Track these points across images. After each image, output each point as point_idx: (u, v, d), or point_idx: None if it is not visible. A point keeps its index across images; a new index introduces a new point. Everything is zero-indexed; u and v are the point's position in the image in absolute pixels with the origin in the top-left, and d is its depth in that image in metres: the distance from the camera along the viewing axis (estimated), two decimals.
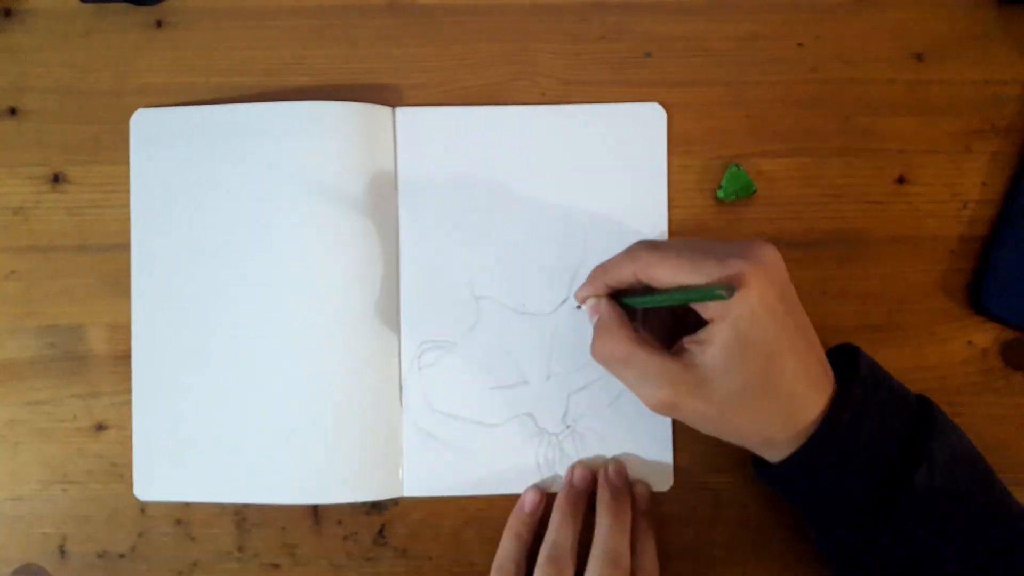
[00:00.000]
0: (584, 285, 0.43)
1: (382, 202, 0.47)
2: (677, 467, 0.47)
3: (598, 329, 0.40)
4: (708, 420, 0.38)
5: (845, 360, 0.40)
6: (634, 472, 0.46)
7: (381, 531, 0.47)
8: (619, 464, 0.46)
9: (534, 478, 0.46)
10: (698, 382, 0.37)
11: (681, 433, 0.46)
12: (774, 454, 0.39)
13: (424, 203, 0.47)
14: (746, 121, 0.48)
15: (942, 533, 0.37)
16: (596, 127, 0.47)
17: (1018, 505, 0.39)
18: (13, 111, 0.48)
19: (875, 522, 0.38)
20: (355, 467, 0.45)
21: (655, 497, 0.46)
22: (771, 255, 0.37)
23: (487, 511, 0.47)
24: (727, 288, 0.35)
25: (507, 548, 0.44)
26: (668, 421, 0.46)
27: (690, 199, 0.47)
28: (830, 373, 0.38)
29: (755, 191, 0.47)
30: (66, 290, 0.47)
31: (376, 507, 0.47)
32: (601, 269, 0.42)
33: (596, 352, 0.40)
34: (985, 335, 0.47)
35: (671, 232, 0.47)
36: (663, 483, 0.46)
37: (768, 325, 0.36)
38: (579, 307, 0.45)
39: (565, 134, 0.47)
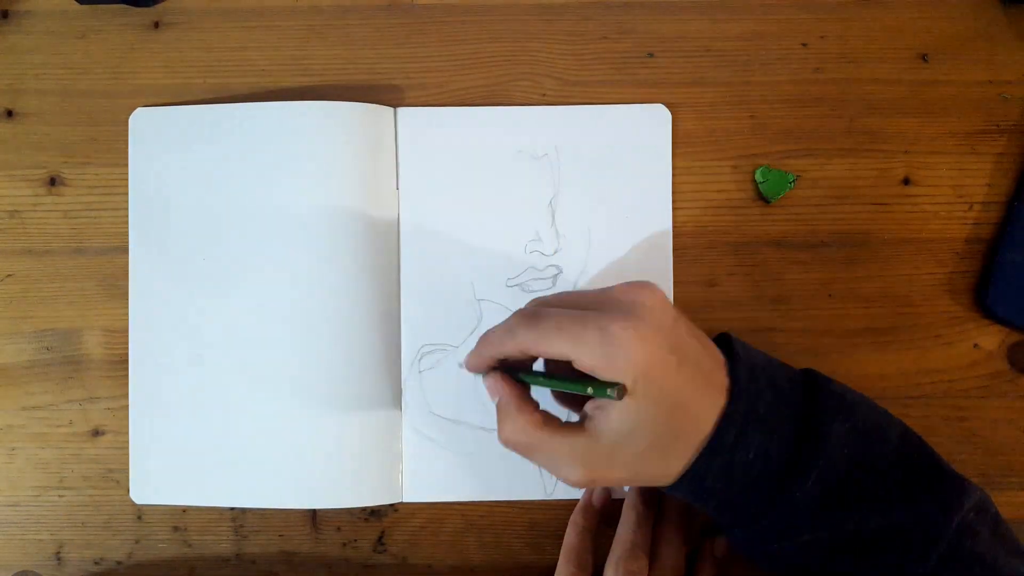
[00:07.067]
0: (471, 353, 0.39)
1: (383, 203, 0.46)
2: None
3: (500, 414, 0.38)
4: (625, 481, 0.38)
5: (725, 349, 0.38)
6: None
7: (380, 538, 0.46)
8: None
9: (535, 483, 0.46)
10: (608, 451, 0.35)
11: None
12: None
13: (425, 204, 0.47)
14: (750, 122, 0.47)
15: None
16: (601, 128, 0.47)
17: (946, 464, 0.38)
18: (10, 113, 0.47)
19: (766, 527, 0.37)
20: (354, 472, 0.45)
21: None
22: (652, 300, 0.35)
23: (488, 517, 0.46)
24: (617, 389, 0.34)
25: (578, 541, 0.44)
26: None
27: (692, 200, 0.47)
28: (725, 383, 0.36)
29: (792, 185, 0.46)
30: (62, 294, 0.47)
31: (375, 514, 0.46)
32: (485, 340, 0.38)
33: (502, 439, 0.38)
34: (991, 337, 0.47)
35: (675, 233, 0.46)
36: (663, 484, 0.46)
37: (664, 380, 0.34)
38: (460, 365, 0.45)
39: (569, 135, 0.47)
